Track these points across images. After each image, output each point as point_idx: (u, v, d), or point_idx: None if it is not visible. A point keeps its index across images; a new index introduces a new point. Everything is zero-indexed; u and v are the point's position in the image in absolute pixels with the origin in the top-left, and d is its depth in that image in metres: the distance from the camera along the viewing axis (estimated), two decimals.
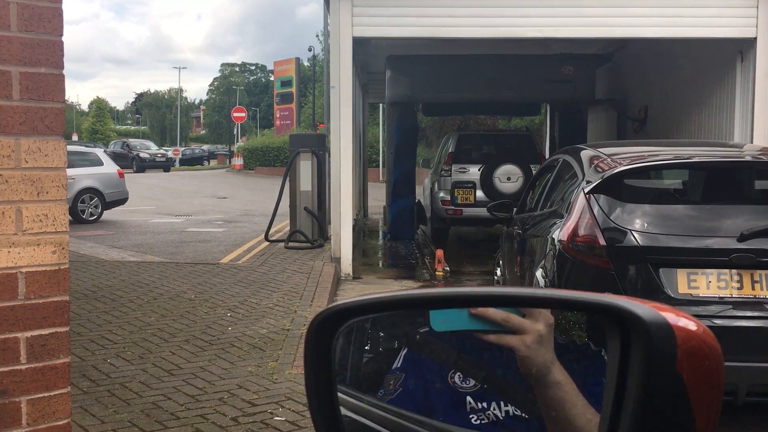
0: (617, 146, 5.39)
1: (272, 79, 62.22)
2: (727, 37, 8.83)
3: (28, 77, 2.16)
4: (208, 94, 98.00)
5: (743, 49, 8.91)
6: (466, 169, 12.15)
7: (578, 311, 0.78)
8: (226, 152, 58.15)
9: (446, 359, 1.10)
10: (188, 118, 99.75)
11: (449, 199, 12.04)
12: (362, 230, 14.16)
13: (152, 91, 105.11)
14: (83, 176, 15.58)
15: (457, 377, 1.09)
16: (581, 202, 4.37)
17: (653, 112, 12.44)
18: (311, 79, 48.45)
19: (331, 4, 9.15)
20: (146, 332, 6.07)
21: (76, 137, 65.10)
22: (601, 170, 4.49)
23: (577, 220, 4.33)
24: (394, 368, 1.12)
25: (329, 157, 10.12)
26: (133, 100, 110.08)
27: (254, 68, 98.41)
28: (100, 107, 79.70)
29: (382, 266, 10.81)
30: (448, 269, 9.72)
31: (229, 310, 6.90)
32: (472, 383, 1.08)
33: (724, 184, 4.59)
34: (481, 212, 10.29)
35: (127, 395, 4.56)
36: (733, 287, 4.01)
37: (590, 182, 4.44)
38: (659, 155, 4.72)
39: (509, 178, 11.79)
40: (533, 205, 5.91)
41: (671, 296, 3.99)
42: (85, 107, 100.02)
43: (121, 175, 16.75)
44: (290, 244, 11.18)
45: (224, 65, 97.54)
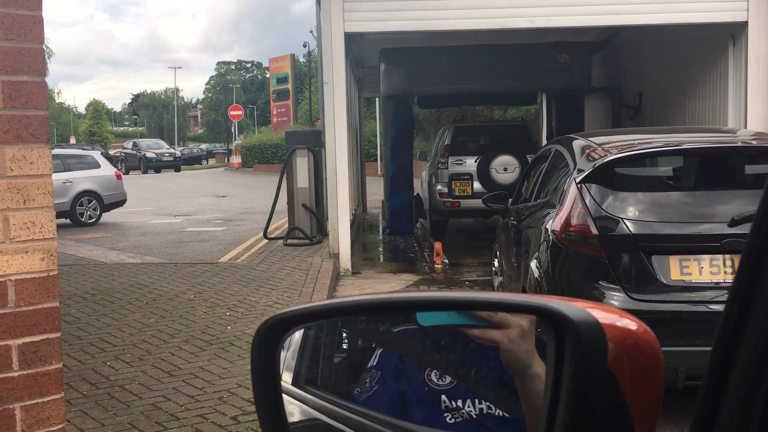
0: (608, 135, 5.40)
1: (268, 76, 62.17)
2: (718, 21, 8.83)
3: (10, 85, 2.17)
4: (204, 93, 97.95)
5: (735, 33, 8.91)
6: (462, 161, 12.15)
7: (515, 313, 0.80)
8: (224, 151, 58.13)
9: (421, 357, 1.11)
10: (185, 117, 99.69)
11: (447, 191, 12.05)
12: (361, 225, 14.17)
13: (149, 91, 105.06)
14: (81, 179, 15.61)
15: (433, 375, 1.11)
16: (573, 191, 4.38)
17: (648, 98, 12.44)
18: (307, 74, 48.39)
19: (321, 0, 9.15)
20: (146, 334, 6.10)
21: (73, 140, 65.12)
22: (592, 159, 4.50)
23: (569, 209, 4.34)
24: (369, 366, 1.14)
25: (326, 153, 10.14)
26: (129, 101, 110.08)
27: (250, 66, 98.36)
28: (96, 109, 79.71)
29: (381, 261, 10.82)
30: (447, 262, 9.74)
31: (228, 309, 6.93)
32: (447, 380, 1.10)
33: (715, 170, 4.60)
34: (478, 204, 10.28)
35: (126, 397, 4.59)
36: (725, 272, 4.02)
37: (582, 172, 4.45)
38: (650, 143, 4.73)
39: (506, 168, 11.80)
40: (527, 195, 5.92)
41: (664, 283, 4.01)
42: (82, 110, 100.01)
43: (118, 177, 16.79)
44: (289, 241, 11.21)
45: (220, 63, 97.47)
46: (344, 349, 1.14)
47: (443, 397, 1.09)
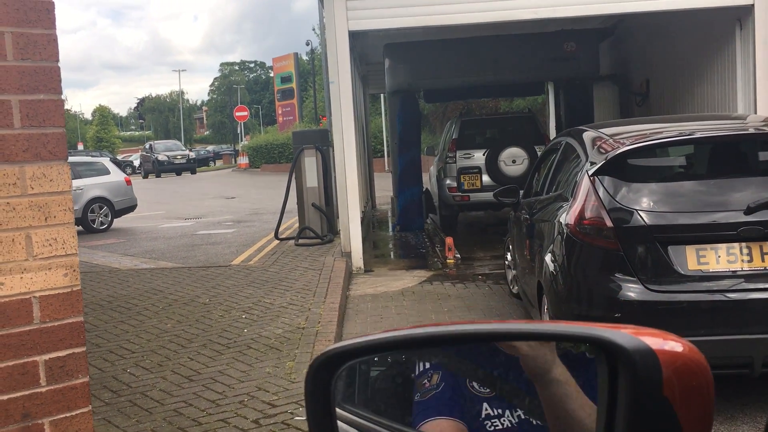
0: (619, 126, 5.38)
1: (272, 75, 62.19)
2: (724, 5, 8.75)
3: (27, 105, 2.19)
4: (209, 94, 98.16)
5: (741, 16, 8.83)
6: (470, 154, 12.12)
7: (566, 342, 0.80)
8: (231, 152, 58.25)
9: (460, 368, 1.12)
10: (191, 119, 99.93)
11: (456, 185, 12.03)
12: (371, 222, 14.18)
13: (154, 95, 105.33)
14: (91, 186, 15.69)
15: (475, 383, 1.12)
16: (586, 184, 4.37)
17: (655, 85, 12.35)
18: (311, 73, 48.39)
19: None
20: (163, 339, 6.13)
21: (81, 146, 65.43)
22: (604, 151, 4.49)
23: (582, 202, 4.33)
24: (421, 371, 1.14)
25: (333, 151, 10.14)
26: (135, 105, 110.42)
27: (253, 66, 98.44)
28: (103, 115, 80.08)
29: (393, 257, 10.83)
30: (458, 256, 9.74)
31: (243, 311, 6.95)
32: (487, 390, 1.11)
33: (728, 157, 4.58)
34: (488, 197, 10.26)
35: (148, 404, 4.62)
36: (743, 260, 4.01)
37: (594, 164, 4.44)
38: (661, 132, 4.71)
39: (514, 161, 11.76)
40: (539, 188, 5.91)
41: (681, 273, 4.00)
42: (88, 116, 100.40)
43: (128, 182, 16.87)
44: (300, 241, 11.23)
45: (223, 64, 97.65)
46: (380, 364, 1.15)
47: (485, 404, 1.11)
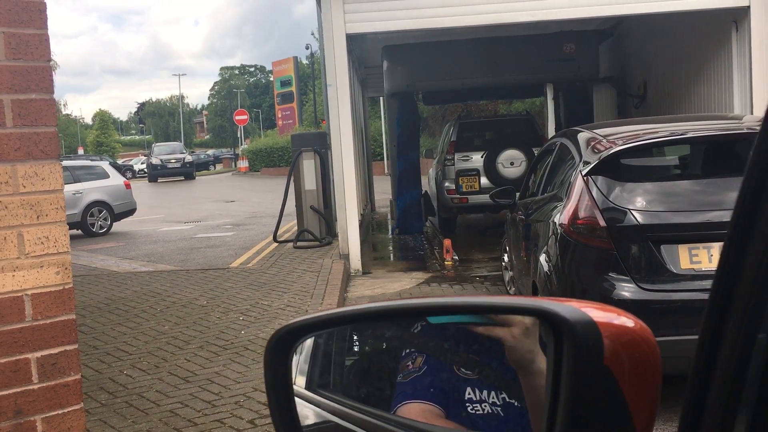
0: (613, 126, 5.40)
1: (272, 79, 62.30)
2: (720, 7, 8.79)
3: (19, 104, 2.21)
4: (209, 98, 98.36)
5: (737, 18, 8.87)
6: (468, 156, 12.14)
7: (513, 315, 0.82)
8: (231, 156, 58.31)
9: (444, 354, 1.14)
10: (191, 124, 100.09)
11: (454, 187, 12.04)
12: (370, 225, 14.19)
13: (154, 99, 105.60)
14: (91, 190, 15.73)
15: (461, 367, 1.14)
16: (579, 184, 4.39)
17: (652, 87, 12.38)
18: (310, 76, 48.48)
19: (322, 3, 9.18)
20: (161, 341, 6.15)
21: (81, 151, 65.53)
22: (597, 151, 4.51)
23: (576, 202, 4.35)
24: (406, 354, 1.15)
25: (332, 154, 10.17)
26: (135, 110, 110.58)
27: (253, 70, 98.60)
28: (103, 119, 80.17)
29: (391, 260, 10.85)
30: (456, 258, 9.76)
31: (241, 313, 6.97)
32: (471, 373, 1.13)
33: (720, 157, 4.60)
34: (486, 199, 10.23)
35: (144, 405, 4.63)
36: None
37: (587, 164, 4.46)
38: (655, 133, 4.73)
39: (512, 162, 11.78)
40: (535, 189, 5.93)
41: (674, 272, 4.01)
42: (88, 120, 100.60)
43: (127, 186, 16.90)
44: (299, 243, 11.25)
45: (224, 69, 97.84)
46: (355, 352, 1.17)
47: (468, 388, 1.13)
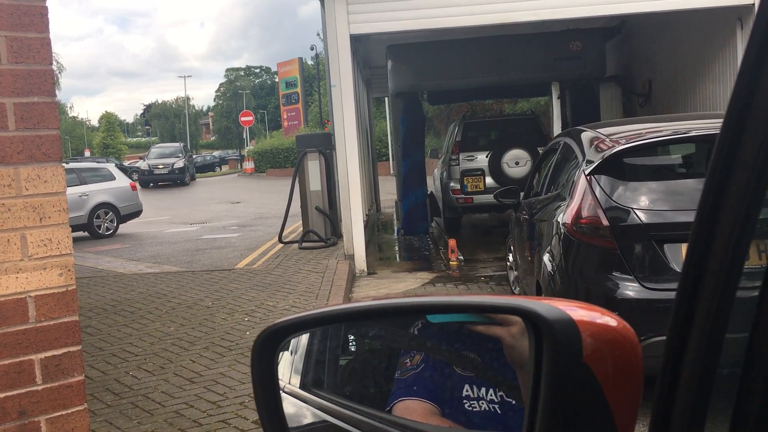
0: (617, 125, 5.39)
1: (277, 80, 62.38)
2: (725, 5, 8.76)
3: (22, 107, 2.23)
4: (215, 100, 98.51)
5: (742, 15, 8.84)
6: (473, 156, 12.12)
7: (493, 314, 0.83)
8: (236, 157, 58.42)
9: (442, 354, 1.14)
10: (197, 125, 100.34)
11: (459, 187, 12.03)
12: (375, 225, 14.20)
13: (160, 101, 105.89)
14: (97, 192, 15.78)
15: (459, 365, 1.15)
16: (582, 183, 4.39)
17: (657, 85, 12.34)
18: (316, 77, 48.52)
19: (325, 3, 9.19)
20: (166, 342, 6.17)
21: (88, 153, 65.80)
22: (600, 150, 4.51)
23: (579, 202, 4.35)
24: (405, 350, 1.16)
25: (336, 155, 10.17)
26: (141, 111, 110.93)
27: (259, 71, 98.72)
28: (109, 121, 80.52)
29: (397, 260, 10.85)
30: (462, 258, 9.76)
31: (246, 314, 6.99)
32: (470, 371, 1.13)
33: None
34: (491, 199, 10.22)
35: (150, 406, 4.65)
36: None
37: (591, 163, 4.46)
38: (658, 132, 4.73)
39: (517, 162, 11.77)
40: (539, 189, 5.93)
41: (678, 271, 4.01)
42: (95, 122, 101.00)
43: (133, 188, 16.96)
44: (304, 244, 11.27)
45: (229, 70, 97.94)
46: (351, 352, 1.18)
47: (466, 385, 1.13)
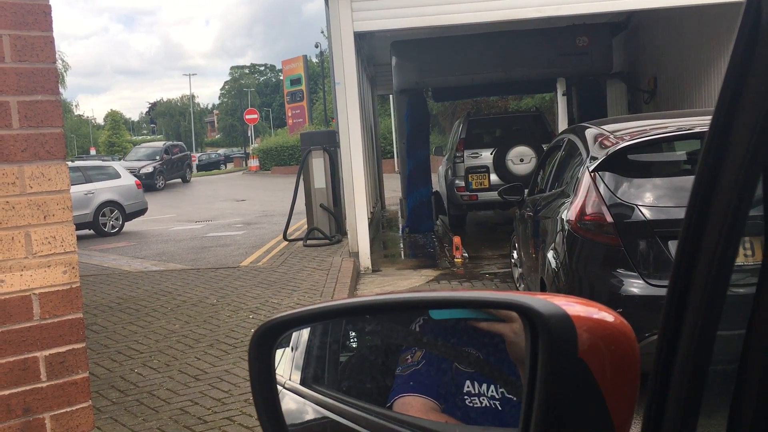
0: (621, 122, 5.38)
1: (282, 78, 62.42)
2: (730, 1, 8.71)
3: (25, 106, 2.24)
4: (220, 98, 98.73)
5: None
6: (478, 153, 12.11)
7: (489, 309, 0.83)
8: (241, 155, 58.50)
9: (444, 350, 1.15)
10: (202, 123, 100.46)
11: (464, 185, 12.01)
12: (380, 223, 14.19)
13: (165, 99, 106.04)
14: (102, 190, 15.83)
15: (460, 361, 1.15)
16: (587, 180, 4.39)
17: (663, 81, 12.30)
18: (320, 75, 48.52)
19: (329, 1, 9.19)
20: (171, 340, 6.19)
21: (93, 151, 65.98)
22: (604, 147, 4.50)
23: (583, 198, 4.34)
24: (405, 348, 1.16)
25: (341, 152, 10.17)
26: (147, 110, 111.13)
27: (263, 69, 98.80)
28: (115, 120, 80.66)
29: (401, 257, 10.85)
30: (466, 255, 9.76)
31: (251, 312, 7.00)
32: (471, 368, 1.13)
33: None
34: (496, 196, 10.20)
35: (155, 403, 4.67)
36: (744, 254, 3.98)
37: (595, 160, 4.45)
38: (662, 128, 4.71)
39: (522, 159, 11.74)
40: (543, 186, 5.92)
41: None
42: (100, 120, 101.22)
43: (139, 186, 17.01)
44: (309, 241, 11.28)
45: (234, 68, 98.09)
46: (352, 348, 1.18)
47: (467, 382, 1.13)
